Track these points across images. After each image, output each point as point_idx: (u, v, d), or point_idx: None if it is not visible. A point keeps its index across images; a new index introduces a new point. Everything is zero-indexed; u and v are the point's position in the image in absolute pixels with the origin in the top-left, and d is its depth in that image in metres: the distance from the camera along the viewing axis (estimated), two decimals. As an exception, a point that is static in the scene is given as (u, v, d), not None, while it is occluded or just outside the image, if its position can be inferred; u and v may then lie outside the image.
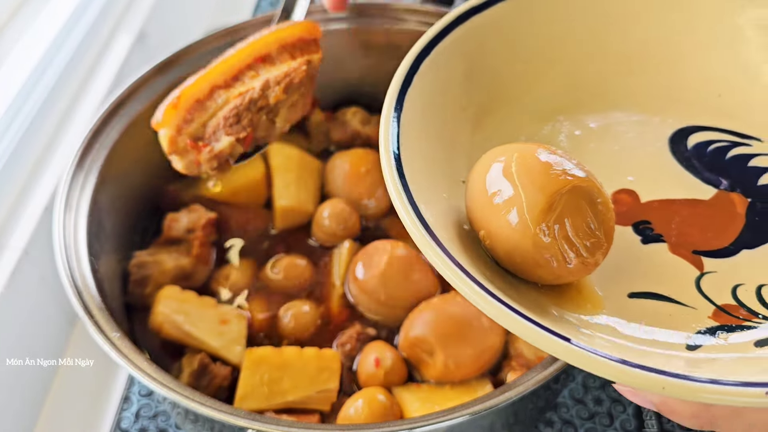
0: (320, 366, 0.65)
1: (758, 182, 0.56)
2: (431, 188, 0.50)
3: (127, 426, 0.76)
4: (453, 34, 0.58)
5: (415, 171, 0.49)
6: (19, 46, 0.97)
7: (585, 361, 0.39)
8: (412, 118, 0.52)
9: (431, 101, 0.55)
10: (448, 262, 0.43)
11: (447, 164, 0.54)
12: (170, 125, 0.65)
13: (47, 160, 0.90)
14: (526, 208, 0.44)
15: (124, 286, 0.73)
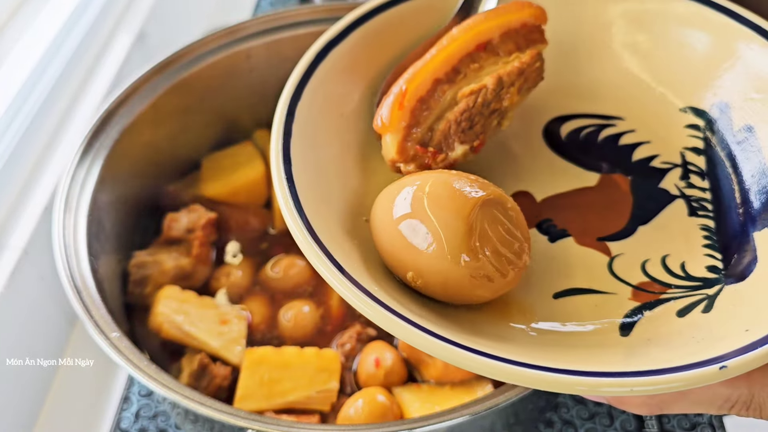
0: (320, 366, 0.65)
1: (632, 159, 0.58)
2: (336, 230, 0.49)
3: (126, 426, 0.76)
4: (317, 72, 0.57)
5: (314, 212, 0.48)
6: (18, 45, 0.97)
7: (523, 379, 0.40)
8: (300, 170, 0.51)
9: (317, 144, 0.54)
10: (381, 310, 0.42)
11: (348, 206, 0.53)
12: (397, 129, 0.53)
13: (47, 160, 0.90)
14: (449, 237, 0.44)
15: (124, 286, 0.73)
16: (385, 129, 0.53)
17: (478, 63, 0.55)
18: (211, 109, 0.84)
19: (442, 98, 0.54)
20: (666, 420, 0.75)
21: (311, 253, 0.45)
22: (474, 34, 0.55)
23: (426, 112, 0.54)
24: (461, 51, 0.55)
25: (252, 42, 0.83)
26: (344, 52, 0.58)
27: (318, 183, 0.51)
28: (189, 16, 1.33)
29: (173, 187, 0.82)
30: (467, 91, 0.54)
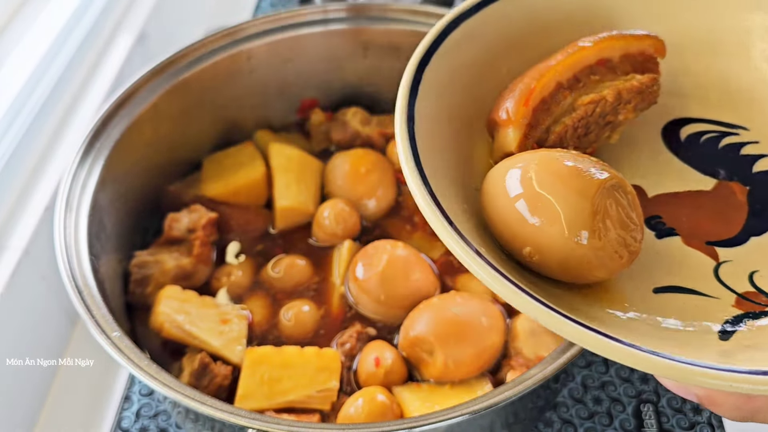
0: (320, 365, 0.65)
1: (753, 170, 0.57)
2: (450, 196, 0.50)
3: (127, 425, 0.76)
4: (451, 37, 0.57)
5: (433, 177, 0.49)
6: (20, 46, 0.97)
7: (624, 355, 0.39)
8: (422, 127, 0.52)
9: (438, 108, 0.55)
10: (495, 275, 0.43)
11: (458, 172, 0.53)
12: (520, 124, 0.55)
13: (48, 160, 0.91)
14: (572, 216, 0.44)
15: (125, 285, 0.73)
16: (508, 122, 0.54)
17: (597, 76, 0.57)
18: (212, 110, 0.84)
19: (561, 102, 0.56)
20: (665, 419, 0.75)
21: (432, 215, 0.45)
22: (598, 49, 0.58)
23: (545, 114, 0.55)
24: (584, 62, 0.57)
25: (252, 43, 0.83)
26: (475, 25, 0.58)
27: (434, 146, 0.52)
28: (189, 16, 1.33)
29: (174, 187, 0.82)
30: (587, 99, 0.55)
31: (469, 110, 0.57)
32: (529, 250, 0.46)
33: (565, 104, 0.56)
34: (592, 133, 0.56)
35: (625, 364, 0.40)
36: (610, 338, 0.40)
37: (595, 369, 0.79)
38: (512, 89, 0.55)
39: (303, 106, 0.91)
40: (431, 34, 0.56)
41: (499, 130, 0.55)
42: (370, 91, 0.91)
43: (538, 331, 0.68)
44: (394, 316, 0.70)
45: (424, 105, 0.53)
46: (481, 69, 0.58)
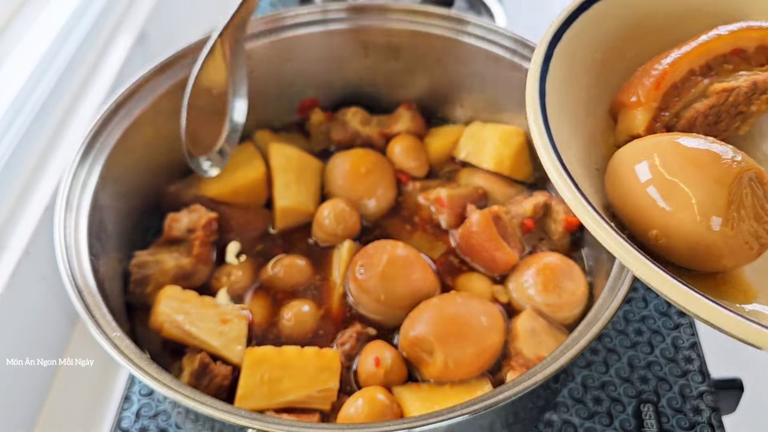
0: (320, 365, 0.65)
1: None
2: (578, 174, 0.50)
3: (127, 425, 0.76)
4: (582, 18, 0.58)
5: (564, 153, 0.49)
6: (20, 46, 0.97)
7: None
8: (552, 103, 0.52)
9: (566, 86, 0.55)
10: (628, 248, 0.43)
11: (581, 151, 0.54)
12: (650, 108, 0.56)
13: (48, 160, 0.91)
14: (707, 203, 0.44)
15: (125, 285, 0.73)
16: (637, 105, 0.55)
17: (731, 65, 0.57)
18: (212, 110, 0.84)
19: (692, 89, 0.56)
20: (665, 419, 0.75)
21: (569, 193, 0.46)
22: (734, 38, 0.57)
23: (675, 99, 0.56)
24: (718, 50, 0.57)
25: (252, 43, 0.83)
26: (606, 8, 0.59)
27: (562, 124, 0.52)
28: (189, 16, 1.33)
29: (174, 187, 0.82)
30: (720, 87, 0.55)
31: (592, 91, 0.58)
32: (656, 233, 0.46)
33: (697, 91, 0.56)
34: (722, 122, 0.56)
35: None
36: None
37: (595, 369, 0.79)
38: (643, 73, 0.56)
39: (303, 106, 0.91)
40: (563, 13, 0.57)
41: (626, 112, 0.56)
42: (370, 91, 0.91)
43: (538, 332, 0.68)
44: (394, 316, 0.70)
45: (554, 82, 0.53)
46: (609, 52, 0.59)
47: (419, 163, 0.85)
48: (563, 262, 0.72)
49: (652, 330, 0.83)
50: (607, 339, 0.82)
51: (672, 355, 0.80)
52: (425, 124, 0.90)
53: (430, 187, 0.82)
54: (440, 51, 0.85)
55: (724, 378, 0.80)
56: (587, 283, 0.72)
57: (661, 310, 0.85)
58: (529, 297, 0.71)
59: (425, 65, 0.87)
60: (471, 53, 0.83)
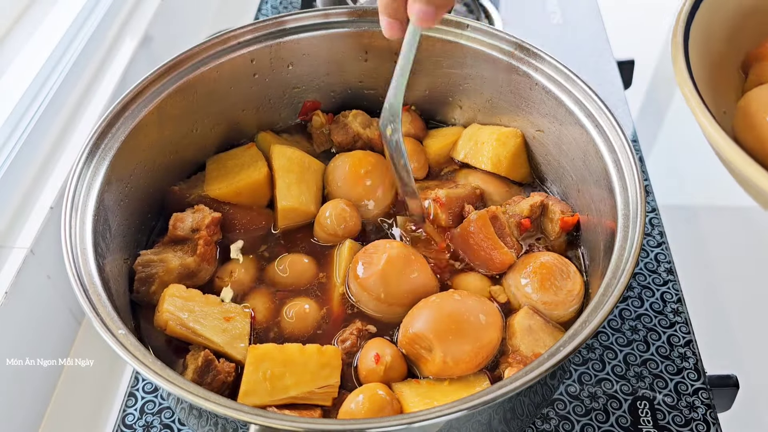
0: (322, 362, 0.66)
1: None
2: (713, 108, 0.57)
3: (131, 422, 0.77)
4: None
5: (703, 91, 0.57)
6: (25, 48, 0.98)
7: None
8: (693, 47, 0.60)
9: (707, 37, 0.62)
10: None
11: (715, 97, 0.60)
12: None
13: (54, 161, 0.92)
14: None
15: (130, 284, 0.74)
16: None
17: None
18: (215, 112, 0.85)
19: None
20: (661, 416, 0.76)
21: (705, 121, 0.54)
22: None
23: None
24: None
25: (255, 46, 0.84)
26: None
27: (701, 68, 0.60)
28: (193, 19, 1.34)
29: (178, 187, 0.83)
30: None
31: (724, 46, 0.65)
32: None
33: None
34: None
35: None
36: None
37: (592, 366, 0.80)
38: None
39: (305, 108, 0.92)
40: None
41: (761, 64, 0.64)
42: (371, 94, 0.92)
43: (534, 329, 0.69)
44: (395, 313, 0.71)
45: (696, 32, 0.61)
46: (743, 13, 0.66)
47: (418, 164, 0.86)
48: (559, 261, 0.73)
49: (647, 328, 0.84)
50: (603, 336, 0.83)
51: (667, 352, 0.81)
52: (425, 126, 0.92)
53: (429, 187, 0.83)
54: (439, 54, 0.86)
55: (720, 375, 0.80)
56: (583, 281, 0.74)
57: (657, 309, 0.86)
58: (526, 295, 0.72)
59: (424, 68, 0.87)
60: (469, 56, 0.84)
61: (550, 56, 0.78)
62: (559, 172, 0.82)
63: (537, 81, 0.79)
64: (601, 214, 0.72)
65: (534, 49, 0.79)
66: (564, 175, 0.82)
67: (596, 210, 0.74)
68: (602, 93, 0.74)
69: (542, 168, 0.85)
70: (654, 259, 0.91)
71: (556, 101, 0.77)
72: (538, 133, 0.83)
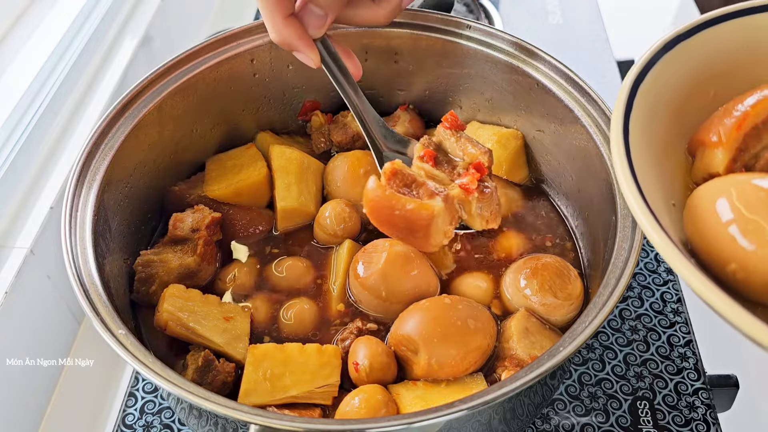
0: (322, 362, 0.66)
1: None
2: (658, 207, 0.51)
3: (131, 422, 0.77)
4: (667, 56, 0.59)
5: (646, 190, 0.51)
6: (25, 48, 0.99)
7: None
8: (635, 140, 0.54)
9: (649, 123, 0.56)
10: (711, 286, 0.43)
11: (661, 187, 0.55)
12: (730, 148, 0.56)
13: (54, 160, 0.92)
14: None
15: (130, 284, 0.74)
16: (718, 144, 0.56)
17: None
18: (215, 112, 0.85)
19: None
20: (661, 416, 0.76)
21: (648, 225, 0.47)
22: None
23: (756, 140, 0.56)
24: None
25: (255, 46, 0.83)
26: (690, 47, 0.60)
27: (644, 159, 0.54)
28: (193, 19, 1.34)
29: (178, 187, 0.83)
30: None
31: (673, 129, 0.59)
32: (734, 268, 0.47)
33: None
34: None
35: None
36: None
37: (592, 366, 0.80)
38: (724, 113, 0.57)
39: (304, 108, 0.92)
40: (649, 52, 0.58)
41: (706, 151, 0.57)
42: (370, 94, 0.92)
43: (531, 332, 0.69)
44: (396, 312, 0.71)
45: (637, 119, 0.55)
46: (690, 91, 0.60)
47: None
48: (560, 263, 0.73)
49: (648, 328, 0.84)
50: (603, 336, 0.83)
51: (668, 352, 0.81)
52: (424, 126, 0.92)
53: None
54: (439, 54, 0.86)
55: (720, 375, 0.80)
56: (583, 286, 0.73)
57: (657, 309, 0.86)
58: (524, 297, 0.71)
59: (424, 68, 0.87)
60: (469, 56, 0.84)
61: (550, 56, 0.78)
62: (559, 172, 0.82)
63: (537, 81, 0.79)
64: (601, 214, 0.72)
65: (534, 49, 0.79)
66: (564, 175, 0.82)
67: (597, 210, 0.74)
68: (602, 93, 0.75)
69: (542, 168, 0.85)
70: (654, 259, 0.91)
71: (556, 101, 0.77)
72: (538, 133, 0.83)
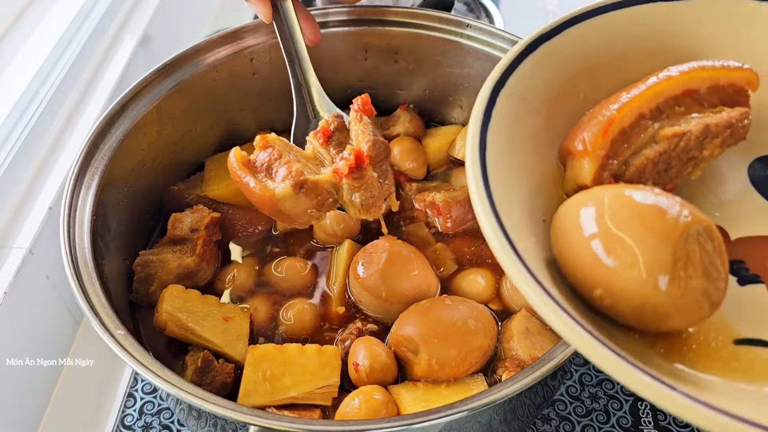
0: (321, 362, 0.66)
1: None
2: (520, 225, 0.47)
3: (130, 422, 0.77)
4: (529, 59, 0.55)
5: (504, 208, 0.46)
6: (24, 48, 0.98)
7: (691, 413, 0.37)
8: (494, 155, 0.49)
9: (512, 133, 0.52)
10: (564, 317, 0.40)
11: (528, 201, 0.51)
12: (597, 156, 0.52)
13: (52, 161, 0.91)
14: (652, 261, 0.41)
15: (129, 284, 0.74)
16: (584, 153, 0.52)
17: (683, 107, 0.54)
18: (215, 111, 0.85)
19: (643, 134, 0.53)
20: (662, 417, 0.76)
21: (499, 247, 0.43)
22: (685, 79, 0.54)
23: (624, 145, 0.52)
24: (669, 92, 0.54)
25: (255, 45, 0.83)
26: (554, 48, 0.56)
27: (506, 174, 0.49)
28: (192, 19, 1.34)
29: (177, 187, 0.82)
30: (670, 132, 0.52)
31: (543, 135, 0.55)
32: (601, 293, 0.44)
33: (646, 136, 0.53)
34: (673, 168, 0.52)
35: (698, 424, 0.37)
36: (692, 399, 0.37)
37: (593, 367, 0.80)
38: (590, 118, 0.53)
39: (304, 107, 0.92)
40: (507, 57, 0.54)
41: (573, 160, 0.52)
42: (370, 93, 0.91)
43: (532, 332, 0.68)
44: (396, 312, 0.70)
45: (499, 129, 0.50)
46: (558, 94, 0.56)
47: (417, 164, 0.86)
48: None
49: (649, 329, 0.84)
50: (604, 338, 0.83)
51: (669, 353, 0.81)
52: (423, 126, 0.91)
53: (427, 189, 0.83)
54: (439, 53, 0.85)
55: (721, 376, 0.80)
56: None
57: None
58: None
59: (425, 67, 0.87)
60: (470, 55, 0.83)
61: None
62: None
63: (537, 80, 0.78)
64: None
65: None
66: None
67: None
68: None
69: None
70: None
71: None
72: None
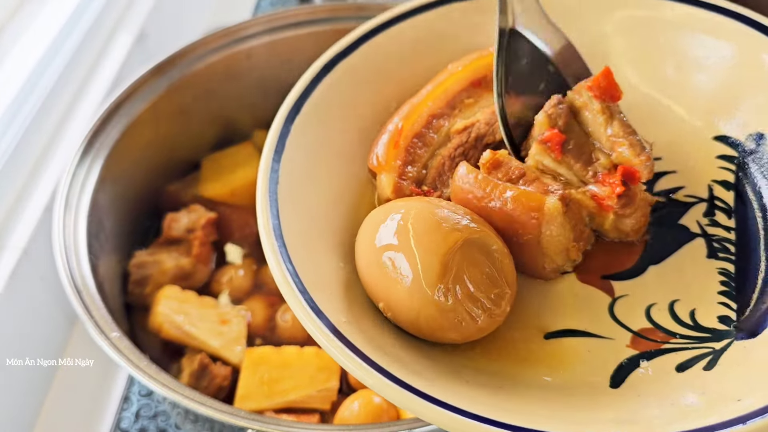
0: (320, 365, 0.66)
1: (653, 189, 0.52)
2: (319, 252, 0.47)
3: (126, 426, 0.76)
4: (327, 80, 0.55)
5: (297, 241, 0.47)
6: (19, 45, 0.98)
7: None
8: (286, 185, 0.49)
9: (312, 157, 0.52)
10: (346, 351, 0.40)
11: (341, 223, 0.51)
12: (392, 167, 0.52)
13: (47, 160, 0.91)
14: (423, 274, 0.42)
15: (124, 286, 0.74)
16: (380, 168, 0.52)
17: (472, 98, 0.55)
18: (211, 110, 0.85)
19: (437, 134, 0.54)
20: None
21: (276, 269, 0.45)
22: (469, 71, 0.55)
23: (422, 150, 0.53)
24: (455, 87, 0.55)
25: (252, 42, 0.83)
26: (353, 64, 0.56)
27: (306, 200, 0.50)
28: (189, 16, 1.33)
29: (173, 187, 0.82)
30: (461, 126, 0.53)
31: (355, 154, 0.54)
32: (383, 306, 0.44)
33: (440, 136, 0.53)
34: (471, 158, 0.52)
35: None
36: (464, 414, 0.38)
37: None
38: (382, 131, 0.53)
39: (303, 106, 0.91)
40: (302, 81, 0.53)
41: (376, 176, 0.52)
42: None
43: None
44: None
45: (293, 157, 0.50)
46: (367, 108, 0.56)
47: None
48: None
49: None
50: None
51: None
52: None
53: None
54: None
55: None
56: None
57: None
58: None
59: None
60: (470, 53, 0.83)
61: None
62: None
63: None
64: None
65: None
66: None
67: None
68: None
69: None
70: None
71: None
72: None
